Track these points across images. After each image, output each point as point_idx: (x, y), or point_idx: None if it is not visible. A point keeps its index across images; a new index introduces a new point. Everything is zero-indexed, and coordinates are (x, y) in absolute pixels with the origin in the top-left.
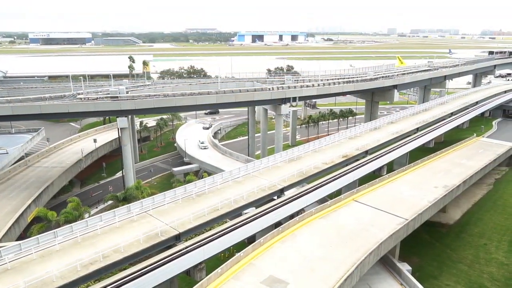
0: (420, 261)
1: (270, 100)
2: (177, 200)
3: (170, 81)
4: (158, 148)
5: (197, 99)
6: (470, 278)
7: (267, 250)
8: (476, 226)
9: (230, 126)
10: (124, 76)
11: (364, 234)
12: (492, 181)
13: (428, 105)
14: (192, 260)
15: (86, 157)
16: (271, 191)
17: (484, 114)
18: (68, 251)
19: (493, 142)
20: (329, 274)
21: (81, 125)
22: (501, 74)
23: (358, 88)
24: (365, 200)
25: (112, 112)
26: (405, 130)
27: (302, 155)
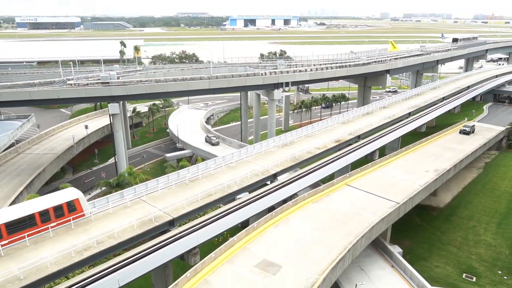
0: (411, 243)
1: (263, 85)
2: (171, 186)
3: (161, 66)
4: (150, 134)
5: (189, 85)
6: (459, 259)
7: (260, 234)
8: (465, 209)
9: (222, 111)
10: (114, 61)
11: (356, 218)
12: (482, 165)
13: (420, 89)
14: (186, 245)
15: (77, 143)
16: (264, 176)
17: (476, 98)
18: (62, 237)
19: (483, 126)
20: (321, 258)
21: (72, 111)
22: (492, 59)
23: (350, 73)
24: (358, 184)
25: (103, 98)
26: (397, 115)
27: (295, 140)
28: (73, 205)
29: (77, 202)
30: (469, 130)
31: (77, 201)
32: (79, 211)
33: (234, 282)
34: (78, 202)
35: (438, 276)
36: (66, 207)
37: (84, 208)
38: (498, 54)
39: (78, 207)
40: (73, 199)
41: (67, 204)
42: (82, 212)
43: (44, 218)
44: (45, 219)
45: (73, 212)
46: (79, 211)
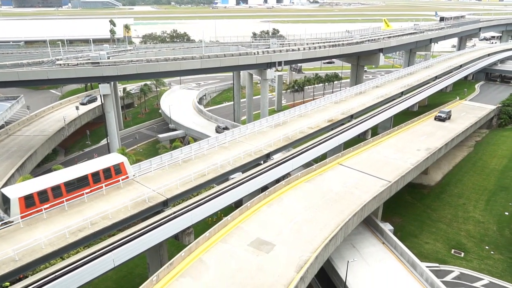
0: (402, 221)
1: (256, 64)
2: (164, 167)
3: (152, 46)
4: (142, 115)
5: (181, 64)
6: (448, 236)
7: (254, 213)
8: (455, 187)
9: (215, 91)
10: (104, 41)
11: (349, 197)
12: (472, 143)
13: (413, 68)
14: (180, 225)
15: (69, 125)
16: (257, 156)
17: (468, 77)
18: (56, 219)
19: (475, 105)
20: (314, 236)
21: (62, 92)
22: (485, 37)
23: (344, 52)
24: (350, 163)
25: (94, 79)
26: (390, 94)
27: (288, 120)
28: (118, 168)
29: (122, 165)
30: (445, 117)
31: (122, 164)
32: (124, 173)
33: (228, 260)
34: (123, 165)
35: (428, 252)
36: (113, 170)
37: (128, 171)
38: (491, 33)
39: (123, 170)
40: (119, 163)
41: (113, 167)
42: (126, 174)
43: (95, 178)
44: (96, 179)
45: (119, 174)
46: (124, 173)
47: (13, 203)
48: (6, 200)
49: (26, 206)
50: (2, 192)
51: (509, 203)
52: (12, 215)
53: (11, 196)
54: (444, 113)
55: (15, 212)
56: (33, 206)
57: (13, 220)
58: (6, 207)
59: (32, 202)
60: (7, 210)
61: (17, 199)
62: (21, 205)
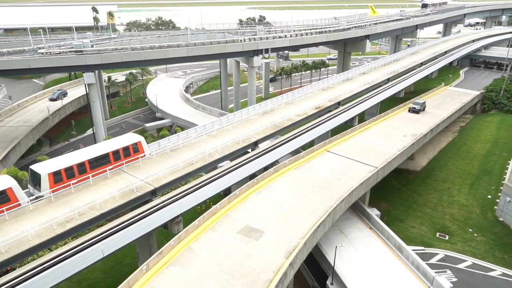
0: (388, 206)
1: (242, 52)
2: (151, 156)
3: (137, 34)
4: (128, 104)
5: (167, 52)
6: (433, 220)
7: (242, 201)
8: (440, 171)
9: (202, 79)
10: (87, 29)
11: (336, 183)
12: (457, 129)
13: (399, 55)
14: (169, 214)
15: (53, 115)
16: (245, 144)
17: (452, 63)
18: (42, 210)
19: (459, 91)
20: (303, 222)
21: (45, 81)
22: (470, 23)
23: (330, 38)
24: (337, 150)
25: (78, 67)
26: (377, 80)
27: (276, 108)
28: (136, 147)
29: (140, 144)
30: (419, 108)
31: (140, 143)
32: (141, 152)
33: (218, 248)
34: (140, 144)
35: (414, 236)
36: (132, 148)
37: (145, 149)
38: (475, 19)
39: (140, 148)
40: (137, 142)
41: (132, 146)
42: (144, 152)
43: (116, 156)
44: (117, 157)
45: (137, 152)
46: (141, 152)
47: (43, 179)
48: (36, 176)
49: (54, 182)
50: (32, 169)
51: (491, 186)
52: (42, 190)
53: (41, 172)
54: (418, 105)
55: (45, 187)
56: (61, 181)
57: (43, 194)
58: (35, 183)
59: (60, 178)
60: (36, 186)
61: (47, 175)
62: (51, 180)
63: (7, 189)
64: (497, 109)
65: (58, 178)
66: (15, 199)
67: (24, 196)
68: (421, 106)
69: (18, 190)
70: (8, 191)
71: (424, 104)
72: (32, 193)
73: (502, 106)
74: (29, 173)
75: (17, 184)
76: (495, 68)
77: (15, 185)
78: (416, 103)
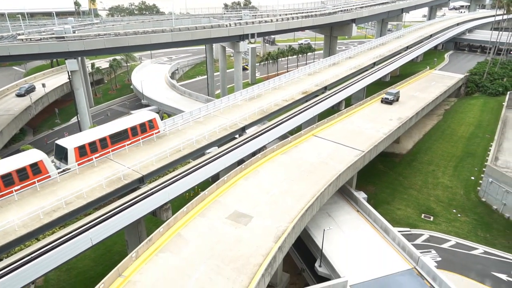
0: (375, 189)
1: (228, 37)
2: (138, 143)
3: (120, 19)
4: (113, 91)
5: (151, 38)
6: (418, 202)
7: (231, 187)
8: (426, 154)
9: (187, 65)
10: (68, 14)
11: (324, 167)
12: (442, 112)
13: (385, 39)
14: (157, 201)
15: (36, 103)
16: (232, 130)
17: (437, 47)
18: (28, 200)
19: (444, 75)
20: (291, 207)
21: (26, 69)
22: (454, 7)
23: (316, 22)
24: (324, 134)
25: (60, 54)
26: (363, 65)
27: (262, 93)
28: (152, 123)
29: (155, 121)
30: (392, 99)
31: (154, 120)
32: (156, 128)
33: (207, 234)
34: (155, 121)
35: (400, 217)
36: (148, 125)
37: (160, 126)
38: (460, 2)
39: (155, 125)
40: (152, 118)
41: (148, 122)
42: (158, 129)
43: (133, 132)
44: (134, 133)
45: (152, 128)
46: (156, 128)
47: (70, 152)
48: (61, 150)
49: (80, 155)
50: (58, 143)
51: (475, 168)
52: (69, 163)
53: (68, 147)
54: (391, 95)
55: (71, 160)
56: (85, 155)
57: (70, 167)
58: (61, 157)
59: (84, 152)
60: (62, 160)
61: (73, 149)
62: (76, 154)
63: (38, 162)
64: (481, 92)
65: (82, 152)
66: (45, 171)
67: (53, 168)
68: (395, 96)
69: (48, 162)
70: (40, 163)
71: (397, 94)
72: (58, 166)
73: (485, 89)
74: (55, 148)
75: (47, 157)
76: (479, 51)
77: (45, 157)
78: (389, 93)
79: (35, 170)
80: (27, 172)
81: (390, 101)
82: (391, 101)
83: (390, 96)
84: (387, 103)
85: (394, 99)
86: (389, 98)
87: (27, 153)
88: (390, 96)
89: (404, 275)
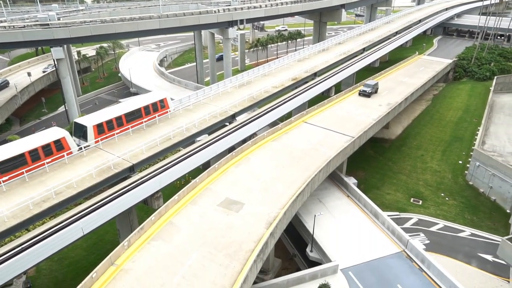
0: (365, 174)
1: (217, 23)
2: (127, 132)
3: (106, 5)
4: (101, 79)
5: (138, 25)
6: (407, 186)
7: (222, 174)
8: (414, 139)
9: (176, 52)
10: (52, 0)
11: (314, 154)
12: (430, 97)
13: (374, 24)
14: (148, 190)
15: (21, 92)
16: (222, 117)
17: (426, 32)
18: (16, 191)
19: (433, 60)
20: (282, 193)
21: (10, 57)
22: None
23: (306, 8)
24: (315, 121)
25: (45, 42)
26: (352, 50)
27: (252, 80)
28: (163, 103)
29: (165, 101)
30: (370, 91)
31: (165, 100)
32: (167, 107)
33: (199, 221)
34: (166, 101)
35: (389, 202)
36: (159, 104)
37: (170, 105)
38: None
39: (166, 104)
40: (163, 98)
41: (159, 102)
42: (169, 108)
43: (147, 111)
44: (147, 112)
45: (163, 108)
46: (166, 107)
47: (89, 130)
48: (81, 128)
49: (98, 133)
50: (77, 121)
51: (462, 152)
52: (88, 140)
53: (87, 124)
54: (369, 87)
55: (91, 137)
56: (103, 133)
57: (89, 144)
58: (79, 134)
59: (102, 129)
60: (81, 137)
61: (92, 127)
62: (95, 131)
63: (61, 138)
64: (468, 76)
65: (101, 129)
66: (68, 147)
67: (74, 145)
68: (373, 88)
69: (70, 139)
70: (62, 140)
71: (376, 85)
72: (77, 144)
73: (473, 74)
74: (74, 126)
75: (69, 134)
76: (467, 36)
77: (67, 134)
78: (366, 85)
79: (58, 146)
80: (51, 148)
81: (368, 94)
82: (369, 94)
83: (368, 88)
84: (365, 96)
85: (372, 91)
86: (367, 91)
87: (50, 131)
88: (368, 88)
89: (394, 258)
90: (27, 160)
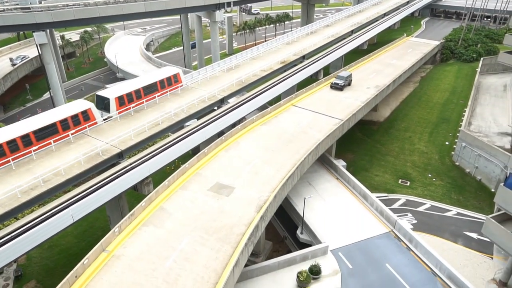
0: (354, 156)
1: (204, 6)
2: (115, 118)
3: None
4: (86, 65)
5: (123, 8)
6: (396, 167)
7: (212, 159)
8: (402, 121)
9: (163, 36)
10: None
11: (303, 137)
12: (418, 79)
13: (363, 6)
14: (138, 176)
15: (4, 79)
16: (211, 102)
17: (414, 13)
18: (3, 179)
19: (421, 42)
20: (272, 176)
21: None
22: None
23: None
24: (303, 104)
25: (26, 26)
26: (341, 33)
27: (240, 64)
28: (176, 78)
29: (178, 76)
30: (343, 84)
31: (178, 75)
32: (180, 82)
33: (190, 206)
34: (179, 75)
35: (378, 184)
36: (173, 79)
37: (183, 80)
38: None
39: (179, 79)
40: (176, 73)
41: (173, 77)
42: (181, 82)
43: (162, 85)
44: (162, 86)
45: (177, 82)
46: (179, 82)
47: (111, 101)
48: (102, 100)
49: (119, 105)
50: (100, 94)
51: (449, 133)
52: (111, 112)
53: (110, 97)
54: (341, 79)
55: (113, 109)
56: (124, 105)
57: (112, 115)
58: (101, 106)
59: (123, 101)
60: (103, 109)
61: (114, 99)
62: (117, 103)
63: (87, 109)
64: (456, 58)
65: (121, 101)
66: (93, 118)
67: (99, 116)
68: (346, 80)
69: (95, 110)
70: (89, 111)
71: (350, 77)
72: (101, 115)
73: (460, 55)
74: (96, 99)
75: (94, 105)
76: (454, 17)
77: (93, 106)
78: (339, 77)
79: (85, 116)
80: (79, 118)
81: (341, 87)
82: (341, 87)
83: (341, 81)
84: (337, 89)
85: (345, 83)
86: (339, 83)
87: (76, 103)
88: (341, 80)
89: (382, 238)
90: (58, 129)
